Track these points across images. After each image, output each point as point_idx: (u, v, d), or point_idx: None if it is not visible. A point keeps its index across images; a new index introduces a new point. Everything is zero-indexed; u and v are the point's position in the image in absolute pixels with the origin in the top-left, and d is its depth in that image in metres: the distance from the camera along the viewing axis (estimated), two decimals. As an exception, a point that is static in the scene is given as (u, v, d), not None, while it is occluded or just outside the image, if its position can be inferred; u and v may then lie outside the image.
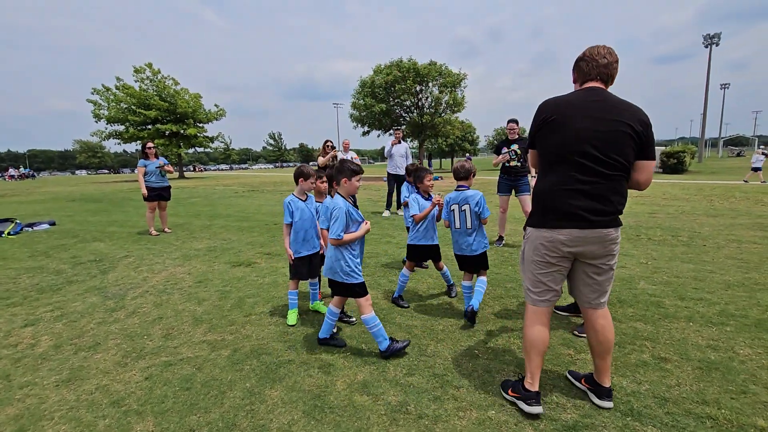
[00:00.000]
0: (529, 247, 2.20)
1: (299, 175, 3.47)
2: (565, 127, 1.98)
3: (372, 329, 2.80)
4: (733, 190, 11.92)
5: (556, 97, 2.12)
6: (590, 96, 2.02)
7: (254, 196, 15.52)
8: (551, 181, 2.07)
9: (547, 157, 2.10)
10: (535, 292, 2.21)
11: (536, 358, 2.19)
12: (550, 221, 2.07)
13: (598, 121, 1.94)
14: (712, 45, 43.34)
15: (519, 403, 2.19)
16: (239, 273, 4.96)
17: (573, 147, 1.97)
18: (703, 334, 2.97)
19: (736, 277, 4.18)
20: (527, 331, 2.22)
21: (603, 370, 2.22)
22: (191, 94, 34.57)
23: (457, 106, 29.47)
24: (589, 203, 1.97)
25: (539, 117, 2.10)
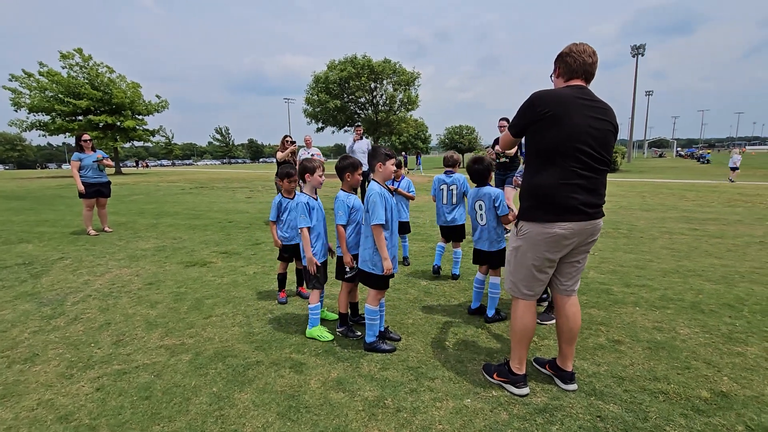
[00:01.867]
0: (528, 244, 2.15)
1: (305, 170, 3.04)
2: (564, 123, 1.98)
3: (369, 321, 2.79)
4: (660, 187, 13.16)
5: (550, 91, 2.09)
6: (582, 94, 2.06)
7: (204, 193, 14.75)
8: (551, 175, 2.04)
9: (544, 151, 2.06)
10: (528, 288, 2.23)
11: (526, 346, 2.31)
12: (552, 216, 2.05)
13: (593, 120, 2.02)
14: (638, 55, 47.44)
15: (507, 387, 2.30)
16: (194, 273, 4.68)
17: (574, 143, 1.99)
18: (649, 317, 3.24)
19: (671, 265, 4.61)
20: (519, 323, 2.26)
21: (568, 355, 2.34)
22: (129, 83, 32.05)
23: (411, 105, 29.83)
24: (587, 197, 2.04)
25: (536, 109, 2.04)
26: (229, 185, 18.25)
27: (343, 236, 2.93)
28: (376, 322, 2.82)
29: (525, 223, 2.16)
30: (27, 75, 28.10)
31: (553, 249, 2.11)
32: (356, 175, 2.90)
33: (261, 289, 4.13)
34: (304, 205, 2.94)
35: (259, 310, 3.58)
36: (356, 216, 2.95)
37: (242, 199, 12.55)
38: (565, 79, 2.16)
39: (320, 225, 3.08)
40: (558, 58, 2.19)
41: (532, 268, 2.18)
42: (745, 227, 6.64)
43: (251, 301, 3.78)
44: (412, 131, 32.97)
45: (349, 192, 2.96)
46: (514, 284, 2.28)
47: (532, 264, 2.17)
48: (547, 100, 2.03)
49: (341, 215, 2.90)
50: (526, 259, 2.18)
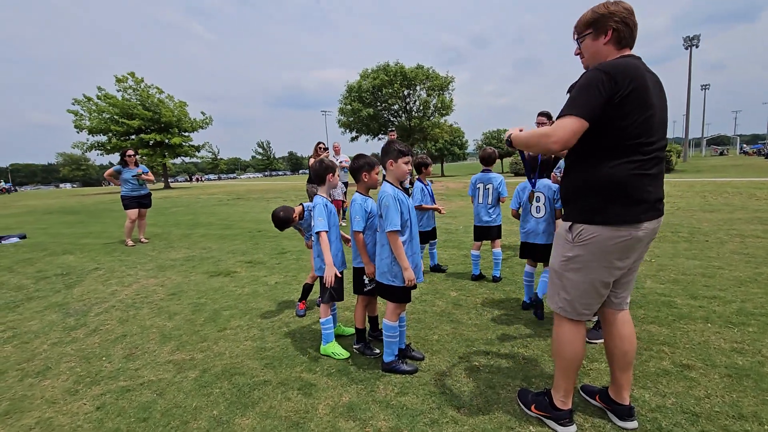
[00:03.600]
0: (592, 252, 1.72)
1: (326, 170, 2.76)
2: (644, 102, 1.61)
3: (387, 338, 2.49)
4: (724, 186, 11.87)
5: (624, 62, 1.64)
6: (648, 68, 1.70)
7: (239, 204, 15.09)
8: (624, 166, 1.64)
9: (618, 137, 1.63)
10: (587, 307, 1.81)
11: (574, 376, 1.90)
12: (628, 216, 1.65)
13: (661, 99, 1.70)
14: (692, 47, 44.19)
15: (549, 423, 1.92)
16: (216, 283, 4.58)
17: (653, 126, 1.64)
18: (725, 336, 2.70)
19: (747, 273, 3.95)
20: (569, 348, 1.86)
21: (624, 384, 1.92)
22: (176, 102, 33.98)
23: (445, 109, 29.37)
24: (658, 190, 1.72)
25: (615, 84, 1.58)
26: (265, 196, 18.62)
27: (363, 244, 2.64)
28: (395, 340, 2.50)
29: (588, 227, 1.71)
30: (87, 99, 30.51)
31: (625, 256, 1.72)
32: (373, 174, 2.62)
33: (280, 299, 3.93)
34: (322, 207, 2.70)
35: (275, 323, 3.37)
36: (374, 221, 2.66)
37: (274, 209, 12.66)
38: (619, 48, 1.72)
39: (336, 230, 2.82)
40: (607, 19, 1.69)
41: (597, 281, 1.75)
42: (835, 228, 5.69)
43: (268, 313, 3.58)
44: (447, 137, 32.42)
45: (365, 194, 2.69)
46: (569, 303, 1.82)
47: (596, 277, 1.75)
48: (629, 73, 1.59)
49: (358, 221, 2.60)
50: (589, 271, 1.74)
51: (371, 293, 2.71)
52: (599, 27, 1.72)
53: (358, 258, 2.74)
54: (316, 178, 2.82)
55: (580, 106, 1.61)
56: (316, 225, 2.65)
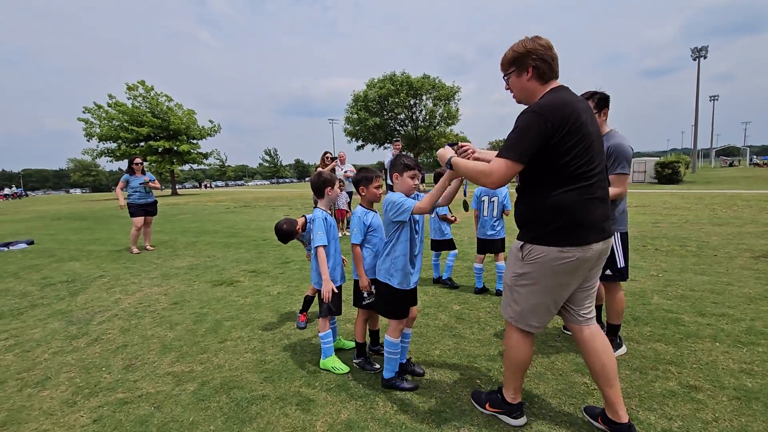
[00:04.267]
0: (544, 269, 1.80)
1: (325, 183, 2.74)
2: (581, 133, 1.72)
3: (387, 354, 2.46)
4: (734, 198, 11.72)
5: (555, 99, 1.76)
6: (576, 96, 1.84)
7: (246, 211, 15.17)
8: (572, 193, 1.74)
9: (562, 167, 1.73)
10: (535, 319, 1.92)
11: (522, 377, 2.07)
12: (574, 239, 1.75)
13: (594, 125, 1.81)
14: (700, 58, 44.00)
15: (502, 418, 2.09)
16: (219, 293, 4.58)
17: (592, 152, 1.75)
18: (734, 357, 2.63)
19: (757, 290, 3.86)
20: (515, 353, 2.01)
21: (615, 400, 1.90)
22: (185, 110, 34.48)
23: (451, 119, 29.47)
24: (605, 210, 1.83)
25: (551, 123, 1.68)
26: (271, 204, 18.71)
27: (359, 257, 2.62)
28: (396, 356, 2.47)
29: (537, 247, 1.81)
30: (97, 107, 31.06)
31: (572, 275, 1.82)
32: (371, 188, 2.61)
33: (282, 311, 3.92)
34: (321, 221, 2.69)
35: (276, 334, 3.35)
36: (373, 236, 2.63)
37: (280, 217, 12.67)
38: (543, 83, 1.85)
39: (336, 244, 2.81)
40: (525, 57, 1.82)
41: (545, 298, 1.86)
42: None
43: (270, 325, 3.57)
44: (453, 146, 32.39)
45: (368, 208, 2.67)
46: (519, 314, 1.94)
47: (544, 294, 1.86)
48: (561, 113, 1.70)
49: (356, 233, 2.60)
50: (537, 288, 1.86)
51: (370, 306, 2.67)
52: (520, 65, 1.86)
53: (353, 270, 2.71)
54: (316, 191, 2.80)
55: (516, 150, 1.74)
56: (315, 239, 2.64)
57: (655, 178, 24.53)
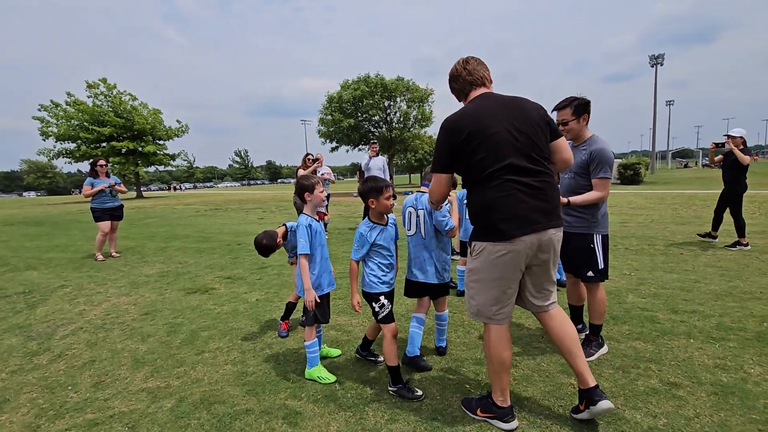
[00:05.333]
0: (482, 263, 1.99)
1: (304, 189, 2.61)
2: (484, 137, 1.89)
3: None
4: (692, 198, 12.40)
5: (456, 113, 2.02)
6: (488, 101, 2.01)
7: (217, 215, 14.71)
8: (490, 192, 1.92)
9: (476, 171, 1.95)
10: (491, 310, 2.04)
11: (506, 377, 2.09)
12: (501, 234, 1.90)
13: (512, 120, 1.91)
14: (657, 64, 46.44)
15: (494, 423, 2.08)
16: (194, 301, 4.39)
17: (503, 153, 1.88)
18: (708, 352, 2.74)
19: (722, 287, 4.07)
20: (496, 352, 2.05)
21: (582, 370, 2.03)
22: (150, 109, 33.13)
23: (425, 121, 29.73)
24: (535, 204, 1.90)
25: (452, 136, 1.95)
26: (244, 206, 18.25)
27: (354, 273, 2.52)
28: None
29: (477, 243, 2.02)
30: (54, 105, 29.36)
31: (510, 267, 1.93)
32: (382, 200, 2.44)
33: (262, 319, 3.79)
34: (305, 228, 2.56)
35: (257, 344, 3.23)
36: (380, 251, 2.53)
37: (254, 220, 12.41)
38: (464, 97, 2.13)
39: (323, 250, 2.71)
40: (450, 89, 2.20)
41: (492, 289, 2.00)
42: (798, 240, 5.98)
43: (250, 334, 3.44)
44: (427, 148, 32.77)
45: (376, 221, 2.50)
46: (477, 309, 2.08)
47: (491, 285, 2.00)
48: (460, 122, 1.95)
49: (356, 249, 2.51)
50: (484, 280, 2.01)
51: (386, 320, 2.48)
52: (453, 93, 2.22)
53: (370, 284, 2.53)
54: (299, 197, 2.70)
55: (436, 163, 2.07)
56: (299, 247, 2.53)
57: (618, 179, 25.65)
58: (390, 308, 2.49)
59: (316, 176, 2.74)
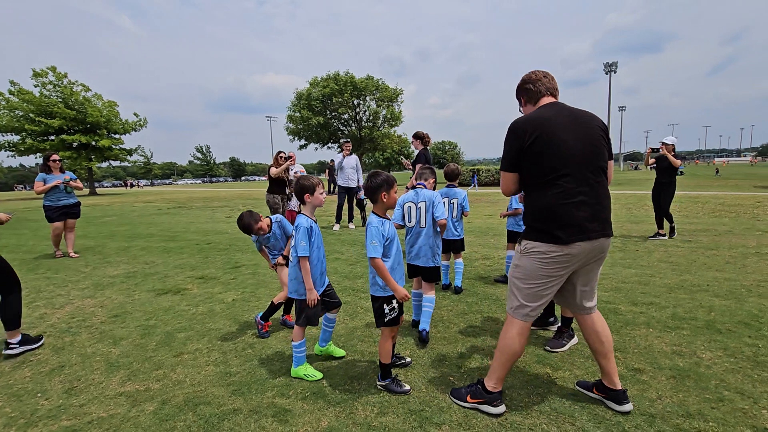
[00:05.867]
0: (533, 262, 2.06)
1: (304, 190, 2.59)
2: (552, 142, 1.96)
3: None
4: (644, 199, 13.24)
5: (526, 116, 2.09)
6: (558, 110, 2.08)
7: (181, 213, 14.17)
8: (551, 196, 1.99)
9: (540, 174, 2.01)
10: (531, 308, 2.12)
11: (510, 367, 2.22)
12: (556, 236, 1.98)
13: (578, 131, 2.02)
14: (611, 72, 49.25)
15: (483, 408, 2.20)
16: (166, 302, 4.25)
17: (568, 159, 1.97)
18: (665, 340, 3.00)
19: (674, 280, 4.43)
20: (510, 344, 2.16)
21: (612, 371, 2.20)
22: (105, 101, 31.31)
23: (394, 120, 29.94)
24: (590, 212, 1.99)
25: (520, 137, 2.02)
26: (209, 204, 17.68)
27: (384, 269, 2.33)
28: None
29: (530, 242, 2.09)
30: (-5, 94, 27.13)
31: (560, 268, 2.02)
32: (392, 193, 2.45)
33: (241, 319, 3.74)
34: (306, 230, 2.53)
35: (238, 344, 3.19)
36: (390, 248, 2.42)
37: (222, 218, 12.07)
38: (534, 104, 2.20)
39: (320, 252, 2.69)
40: (518, 91, 2.28)
41: (537, 287, 2.08)
42: (736, 238, 6.58)
43: (229, 334, 3.39)
44: (396, 147, 33.03)
45: (383, 216, 2.45)
46: (519, 305, 2.15)
47: (536, 283, 2.08)
48: (529, 126, 2.02)
49: (376, 246, 2.33)
50: (530, 278, 2.09)
51: (394, 322, 2.44)
52: (518, 98, 2.33)
53: (375, 285, 2.45)
54: (298, 197, 2.66)
55: (503, 161, 2.16)
56: (299, 249, 2.51)
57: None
58: (399, 311, 2.45)
59: (316, 177, 2.76)
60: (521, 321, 2.15)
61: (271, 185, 7.15)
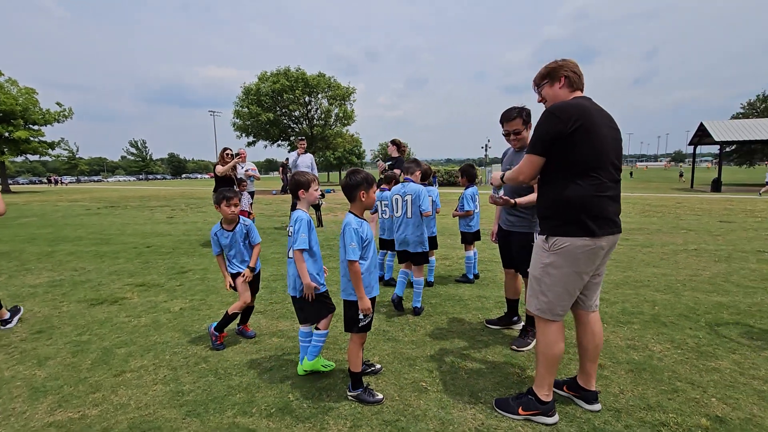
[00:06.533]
0: (565, 258, 1.99)
1: (299, 186, 2.55)
2: (593, 134, 1.91)
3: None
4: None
5: (571, 102, 1.99)
6: (596, 105, 2.03)
7: (115, 213, 12.98)
8: (586, 188, 1.93)
9: (576, 164, 1.94)
10: (561, 306, 2.07)
11: (556, 370, 2.18)
12: (591, 229, 1.94)
13: (611, 130, 2.00)
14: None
15: (539, 419, 2.12)
16: (101, 314, 3.80)
17: (605, 154, 1.94)
18: (620, 335, 3.16)
19: (619, 276, 4.73)
20: (556, 348, 2.11)
21: (592, 373, 2.23)
22: (21, 88, 27.96)
23: (347, 119, 29.67)
24: (616, 208, 2.02)
25: (564, 122, 1.90)
26: (147, 204, 16.38)
27: (359, 276, 2.24)
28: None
29: (560, 238, 2.00)
30: None
31: (591, 261, 2.00)
32: (371, 193, 2.35)
33: (191, 329, 3.43)
34: (308, 222, 2.50)
35: (190, 358, 2.91)
36: (368, 251, 2.33)
37: (162, 219, 11.20)
38: (571, 91, 2.10)
39: (317, 247, 2.62)
40: (559, 69, 2.11)
41: (570, 284, 2.03)
42: (666, 236, 7.22)
43: (178, 347, 3.08)
44: (348, 146, 32.78)
45: (361, 217, 2.36)
46: (548, 304, 2.08)
47: (569, 280, 2.02)
48: (573, 112, 1.92)
49: (354, 248, 2.22)
50: (562, 275, 2.02)
51: (365, 329, 2.36)
52: (554, 76, 2.13)
53: (348, 290, 2.35)
54: (292, 193, 2.62)
55: (537, 143, 2.02)
56: (299, 242, 2.44)
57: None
58: (372, 316, 2.37)
59: (311, 173, 2.65)
60: (555, 320, 2.10)
61: (218, 184, 6.74)
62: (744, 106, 37.71)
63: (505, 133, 2.89)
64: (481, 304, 3.94)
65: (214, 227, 3.09)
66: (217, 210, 3.06)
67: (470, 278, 4.67)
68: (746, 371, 2.58)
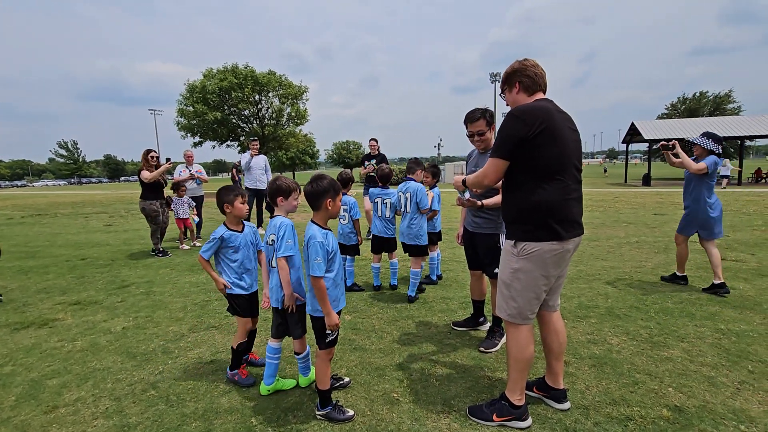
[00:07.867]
0: (535, 263, 1.99)
1: (279, 192, 2.37)
2: (557, 137, 1.90)
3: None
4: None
5: (534, 105, 1.97)
6: (556, 107, 2.02)
7: (42, 222, 11.74)
8: (554, 192, 1.93)
9: (542, 168, 1.93)
10: (530, 310, 2.08)
11: (527, 374, 2.18)
12: (560, 233, 1.94)
13: (572, 132, 2.01)
14: (496, 81, 54.69)
15: (512, 424, 2.12)
16: (27, 339, 3.36)
17: (569, 157, 1.95)
18: (579, 330, 3.27)
19: (572, 270, 4.93)
20: (526, 351, 2.10)
21: (559, 371, 2.26)
22: None
23: (300, 119, 28.99)
24: (580, 209, 2.05)
25: (528, 125, 1.88)
26: (80, 211, 15.00)
27: (325, 291, 2.09)
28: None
29: (529, 243, 1.99)
30: None
31: (559, 265, 2.03)
32: (338, 201, 2.20)
33: (135, 351, 3.11)
34: (291, 229, 2.36)
35: (135, 385, 2.62)
36: (333, 263, 2.20)
37: (99, 227, 10.27)
38: (529, 94, 2.10)
39: (298, 255, 2.43)
40: (513, 75, 2.12)
41: (539, 288, 2.04)
42: (610, 229, 7.69)
43: (122, 373, 2.77)
44: (302, 146, 32.06)
45: (325, 227, 2.20)
46: (518, 309, 2.08)
47: (538, 284, 2.03)
48: (537, 115, 1.90)
49: (319, 263, 2.07)
50: (532, 279, 2.02)
51: (334, 342, 2.25)
52: (510, 83, 2.15)
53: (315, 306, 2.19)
54: (270, 199, 2.41)
55: (500, 148, 2.00)
56: (284, 248, 2.28)
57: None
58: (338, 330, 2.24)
59: (293, 181, 2.44)
60: (524, 324, 2.10)
61: (145, 191, 6.26)
62: (668, 107, 41.38)
63: (469, 134, 2.89)
64: (445, 306, 3.93)
65: (219, 229, 2.62)
66: (227, 210, 2.61)
67: (434, 279, 4.67)
68: (695, 359, 2.75)
